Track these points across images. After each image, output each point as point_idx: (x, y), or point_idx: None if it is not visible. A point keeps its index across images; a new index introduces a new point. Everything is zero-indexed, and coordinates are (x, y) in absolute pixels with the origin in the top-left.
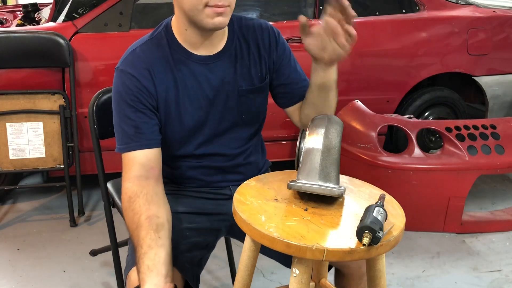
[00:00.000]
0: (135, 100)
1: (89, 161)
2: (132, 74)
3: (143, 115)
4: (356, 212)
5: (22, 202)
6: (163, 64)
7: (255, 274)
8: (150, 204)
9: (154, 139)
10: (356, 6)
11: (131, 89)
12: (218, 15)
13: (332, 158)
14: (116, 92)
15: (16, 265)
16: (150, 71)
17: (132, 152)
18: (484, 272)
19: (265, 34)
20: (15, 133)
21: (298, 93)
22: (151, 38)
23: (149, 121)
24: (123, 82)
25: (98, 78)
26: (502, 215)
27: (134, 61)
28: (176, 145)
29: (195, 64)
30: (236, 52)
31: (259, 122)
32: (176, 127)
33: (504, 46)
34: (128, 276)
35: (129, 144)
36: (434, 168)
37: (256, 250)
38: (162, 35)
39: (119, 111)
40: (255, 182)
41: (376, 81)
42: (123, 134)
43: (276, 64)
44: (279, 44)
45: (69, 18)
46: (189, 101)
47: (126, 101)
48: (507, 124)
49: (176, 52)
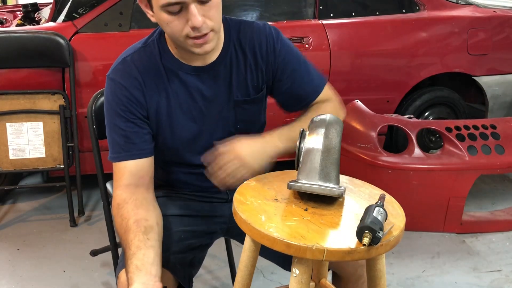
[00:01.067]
0: (125, 110)
1: (89, 161)
2: (122, 84)
3: (133, 125)
4: (356, 212)
5: (22, 202)
6: (154, 74)
7: (255, 274)
8: (139, 209)
9: (145, 149)
10: (356, 6)
11: (121, 99)
12: (202, 45)
13: (332, 158)
14: (106, 101)
15: (16, 265)
16: (140, 81)
17: (123, 162)
18: (484, 272)
19: (263, 41)
20: (15, 133)
21: (304, 99)
22: (144, 46)
23: (140, 131)
24: (113, 91)
25: (98, 78)
26: (502, 215)
27: (125, 71)
28: (169, 154)
29: (187, 75)
30: (232, 61)
31: (255, 130)
32: (168, 138)
33: (504, 46)
34: (118, 277)
35: (120, 153)
36: (434, 168)
37: (256, 250)
38: (155, 43)
39: (110, 120)
40: (255, 182)
41: (376, 81)
42: (113, 143)
43: (276, 73)
44: (278, 51)
45: (69, 18)
46: (181, 112)
47: (116, 111)
48: (507, 124)
49: (168, 62)
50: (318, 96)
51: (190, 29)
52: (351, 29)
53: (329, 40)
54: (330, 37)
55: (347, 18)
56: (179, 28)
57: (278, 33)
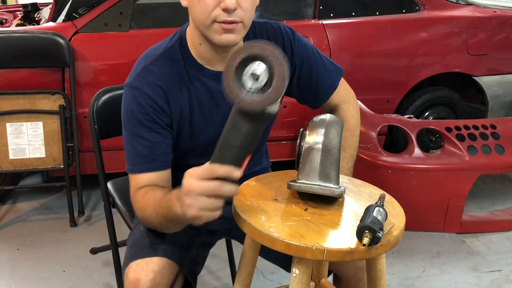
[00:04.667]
0: (150, 120)
1: (89, 161)
2: (147, 93)
3: (158, 135)
4: (356, 212)
5: (22, 202)
6: (178, 81)
7: (255, 274)
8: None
9: (168, 161)
10: (356, 6)
11: (146, 108)
12: (227, 32)
13: (332, 158)
14: (128, 110)
15: (16, 265)
16: (165, 89)
17: (144, 174)
18: (484, 272)
19: (279, 42)
20: (15, 133)
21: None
22: (165, 51)
23: (164, 141)
24: (137, 100)
25: (98, 78)
26: (502, 215)
27: (149, 79)
28: (185, 158)
29: (210, 81)
30: None
31: (269, 130)
32: (187, 142)
33: (504, 46)
34: (125, 272)
35: (142, 165)
36: (434, 168)
37: (256, 250)
38: (176, 48)
39: (132, 130)
40: (255, 182)
41: (376, 81)
42: (136, 153)
43: (294, 72)
44: (296, 51)
45: (69, 18)
46: (203, 118)
47: (140, 121)
48: (507, 124)
49: (191, 67)
50: (335, 90)
51: (221, 11)
52: (351, 29)
53: (329, 40)
54: (330, 37)
55: (347, 18)
56: (210, 7)
57: (294, 32)
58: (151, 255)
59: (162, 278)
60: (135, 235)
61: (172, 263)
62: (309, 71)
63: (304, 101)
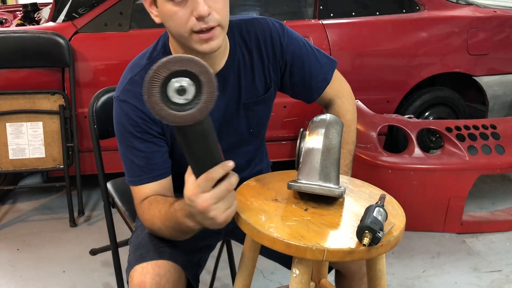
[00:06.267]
0: (141, 131)
1: (89, 161)
2: (135, 105)
3: (152, 144)
4: (356, 212)
5: (22, 202)
6: None
7: (255, 274)
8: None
9: (166, 168)
10: (356, 6)
11: (135, 120)
12: (207, 41)
13: (332, 158)
14: (119, 124)
15: (16, 265)
16: None
17: (145, 185)
18: (484, 272)
19: (268, 39)
20: (15, 133)
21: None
22: (150, 61)
23: (159, 149)
24: (126, 113)
25: (98, 78)
26: (502, 215)
27: (135, 91)
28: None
29: None
30: (239, 65)
31: (264, 129)
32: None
33: (504, 46)
34: (130, 275)
35: (141, 176)
36: (434, 168)
37: (256, 250)
38: (160, 56)
39: (126, 143)
40: (255, 182)
41: (376, 81)
42: (133, 166)
43: (285, 67)
44: (286, 46)
45: (69, 18)
46: None
47: (132, 133)
48: (507, 124)
49: None
50: (328, 84)
51: (196, 21)
52: (351, 29)
53: (329, 40)
54: (330, 37)
55: (347, 18)
56: (183, 20)
57: (283, 26)
58: (157, 258)
59: (167, 282)
60: (138, 237)
61: (177, 266)
62: (301, 66)
63: (297, 96)
